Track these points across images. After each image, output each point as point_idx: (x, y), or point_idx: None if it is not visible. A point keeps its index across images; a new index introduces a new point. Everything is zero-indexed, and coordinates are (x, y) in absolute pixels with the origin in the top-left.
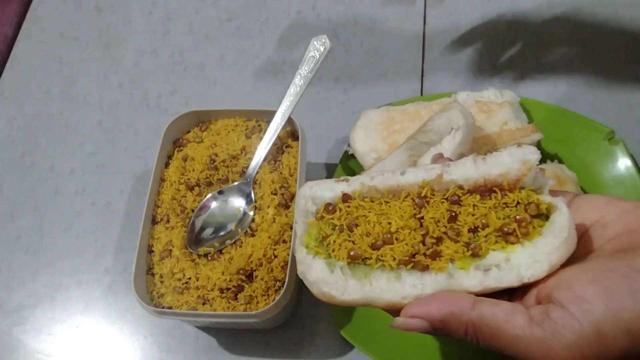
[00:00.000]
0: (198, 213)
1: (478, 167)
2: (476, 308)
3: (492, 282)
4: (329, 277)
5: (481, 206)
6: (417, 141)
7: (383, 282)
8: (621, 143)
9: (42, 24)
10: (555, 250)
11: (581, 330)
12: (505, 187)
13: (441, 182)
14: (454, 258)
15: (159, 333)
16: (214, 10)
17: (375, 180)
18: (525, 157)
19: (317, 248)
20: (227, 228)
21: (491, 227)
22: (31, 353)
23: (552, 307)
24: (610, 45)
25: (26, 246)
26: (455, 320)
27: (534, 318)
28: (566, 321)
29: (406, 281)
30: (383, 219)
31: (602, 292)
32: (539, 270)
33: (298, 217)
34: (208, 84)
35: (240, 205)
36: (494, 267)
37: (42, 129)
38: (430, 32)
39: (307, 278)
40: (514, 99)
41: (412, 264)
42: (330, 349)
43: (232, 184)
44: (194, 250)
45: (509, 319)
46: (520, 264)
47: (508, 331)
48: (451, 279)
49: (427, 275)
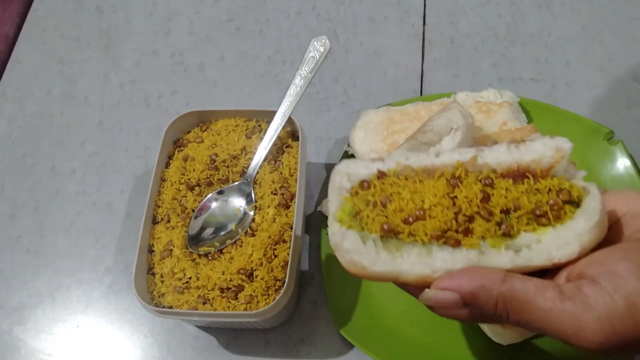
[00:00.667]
0: (198, 213)
1: (511, 153)
2: (507, 281)
3: (522, 261)
4: (362, 248)
5: (514, 190)
6: (417, 141)
7: (414, 256)
8: (620, 143)
9: (43, 25)
10: (586, 233)
11: (613, 304)
12: (538, 174)
13: (475, 164)
14: (486, 236)
15: (159, 332)
16: (214, 11)
17: (411, 160)
18: (558, 145)
19: (350, 222)
20: (228, 228)
21: (523, 209)
22: (32, 352)
23: (584, 282)
24: (609, 45)
25: (27, 246)
26: (486, 293)
27: (565, 292)
28: (598, 295)
29: (437, 256)
30: (416, 196)
31: (634, 268)
32: (569, 251)
33: (332, 193)
34: (208, 84)
35: (240, 205)
36: (524, 248)
37: (43, 129)
38: (430, 32)
39: (341, 247)
40: (513, 99)
41: (444, 239)
42: (330, 348)
43: (233, 184)
44: (194, 250)
45: (540, 293)
46: (551, 244)
47: (539, 304)
48: (482, 255)
49: (458, 251)
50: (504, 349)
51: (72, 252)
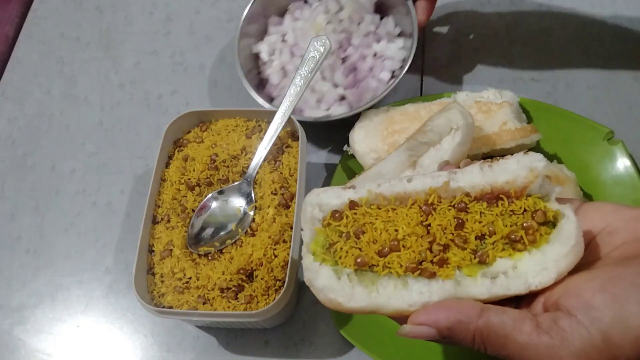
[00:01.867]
0: (198, 213)
1: (485, 175)
2: (483, 316)
3: (499, 290)
4: (336, 284)
5: (488, 213)
6: (417, 141)
7: (390, 289)
8: (620, 143)
9: (43, 25)
10: (562, 258)
11: (589, 338)
12: (512, 195)
13: (448, 189)
14: (461, 265)
15: (159, 332)
16: (214, 11)
17: (382, 187)
18: (532, 165)
19: (324, 255)
20: (228, 228)
21: (498, 234)
22: (32, 352)
23: (560, 315)
24: (609, 45)
25: (27, 246)
26: (462, 328)
27: (541, 325)
28: (574, 329)
29: (413, 288)
30: (390, 225)
31: (611, 300)
32: (546, 278)
33: (304, 224)
34: (208, 84)
35: (240, 205)
36: (501, 275)
37: (43, 129)
38: (430, 32)
39: (315, 285)
40: (513, 99)
41: (419, 271)
42: (330, 348)
43: (233, 184)
44: (194, 250)
45: (517, 327)
46: (527, 271)
47: (516, 339)
48: (458, 286)
49: (434, 283)
50: None
51: (72, 252)
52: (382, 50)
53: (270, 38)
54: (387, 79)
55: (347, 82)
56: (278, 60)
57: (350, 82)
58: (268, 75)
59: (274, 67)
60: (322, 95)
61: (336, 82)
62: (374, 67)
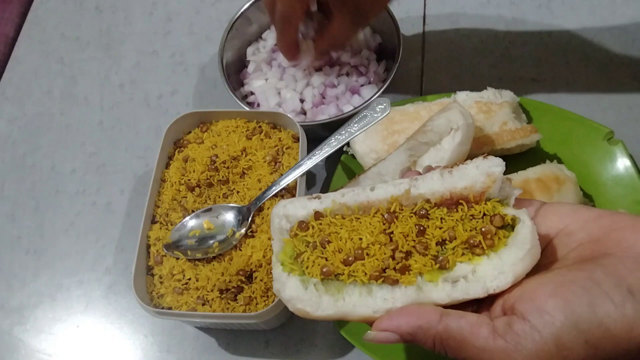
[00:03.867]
0: (196, 214)
1: (445, 181)
2: (443, 321)
3: (459, 294)
4: (303, 294)
5: (448, 219)
6: (417, 141)
7: (355, 297)
8: (620, 143)
9: (43, 25)
10: (519, 262)
11: (542, 342)
12: (471, 200)
13: (409, 196)
14: (423, 271)
15: (159, 333)
16: (214, 11)
17: (346, 197)
18: (489, 170)
19: (292, 265)
20: (209, 243)
21: (458, 239)
22: (32, 352)
23: (515, 319)
24: (609, 45)
25: (27, 246)
26: (423, 333)
27: (497, 330)
28: (527, 333)
29: (377, 295)
30: (354, 234)
31: (562, 304)
32: (503, 282)
33: (274, 234)
34: (208, 84)
35: (232, 226)
36: (461, 279)
37: (43, 129)
38: (430, 32)
39: (282, 296)
40: (513, 99)
41: (383, 278)
42: (331, 348)
43: (234, 205)
44: (167, 250)
45: (474, 331)
46: (486, 275)
47: (473, 343)
48: (420, 292)
49: (397, 289)
50: None
51: (72, 252)
52: (359, 87)
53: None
54: (347, 110)
55: (314, 100)
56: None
57: (316, 102)
58: (253, 89)
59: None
60: (285, 100)
61: (304, 96)
62: (340, 99)
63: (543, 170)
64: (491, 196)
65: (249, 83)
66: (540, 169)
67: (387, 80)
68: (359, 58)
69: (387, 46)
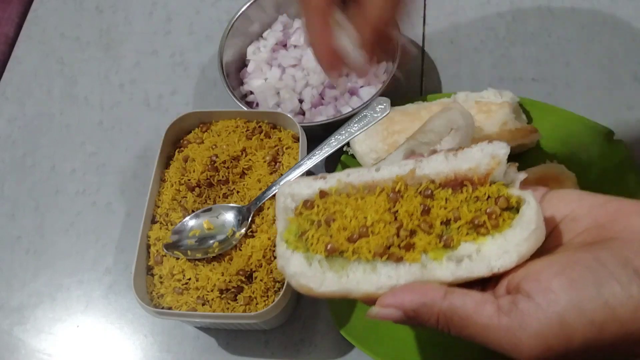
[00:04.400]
0: (196, 214)
1: (449, 162)
2: (447, 298)
3: (463, 273)
4: (307, 270)
5: (453, 200)
6: (417, 141)
7: (359, 274)
8: (620, 143)
9: (43, 25)
10: (524, 242)
11: (546, 321)
12: (476, 181)
13: (414, 177)
14: (427, 249)
15: (159, 333)
16: (214, 11)
17: (351, 176)
18: (494, 152)
19: (297, 243)
20: (209, 243)
21: (463, 219)
22: (32, 352)
23: (520, 298)
24: (609, 45)
25: (27, 246)
26: (427, 310)
27: (502, 308)
28: (532, 311)
29: (381, 272)
30: (359, 213)
31: (568, 284)
32: (508, 261)
33: (278, 214)
34: (208, 84)
35: (232, 226)
36: (465, 258)
37: (43, 129)
38: (430, 32)
39: (286, 271)
40: (513, 99)
41: (387, 255)
42: (331, 348)
43: (233, 205)
44: (167, 250)
45: (478, 309)
46: (490, 255)
47: (477, 320)
48: (424, 269)
49: (401, 266)
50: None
51: (72, 252)
52: (358, 88)
53: (259, 56)
54: (345, 111)
55: (312, 101)
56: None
57: (315, 102)
58: (253, 89)
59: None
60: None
61: (303, 97)
62: (339, 99)
63: (543, 170)
64: (496, 179)
65: (248, 82)
66: (540, 169)
67: (386, 81)
68: None
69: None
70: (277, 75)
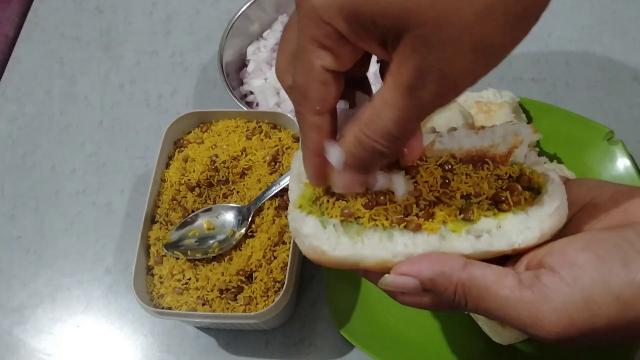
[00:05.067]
0: (196, 214)
1: (471, 138)
2: (467, 269)
3: (483, 246)
4: (322, 233)
5: (474, 175)
6: None
7: (375, 241)
8: (620, 143)
9: (43, 25)
10: (547, 218)
11: (571, 295)
12: (497, 159)
13: (433, 149)
14: (447, 220)
15: (159, 333)
16: (214, 11)
17: None
18: (517, 130)
19: (311, 207)
20: (209, 243)
21: (484, 195)
22: (32, 352)
23: (543, 272)
24: (609, 45)
25: (27, 246)
26: (445, 279)
27: (524, 281)
28: (556, 285)
29: (398, 241)
30: None
31: (594, 259)
32: (530, 237)
33: (292, 182)
34: (208, 84)
35: (232, 227)
36: (485, 233)
37: (43, 129)
38: None
39: (300, 232)
40: (513, 99)
41: (405, 223)
42: (331, 348)
43: (233, 205)
44: (167, 250)
45: (499, 281)
46: (511, 230)
47: (497, 292)
48: (443, 240)
49: (419, 236)
50: (504, 349)
51: (72, 252)
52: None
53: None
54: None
55: None
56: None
57: None
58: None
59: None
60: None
61: None
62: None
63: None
64: (517, 160)
65: (248, 82)
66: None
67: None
68: None
69: None
70: None
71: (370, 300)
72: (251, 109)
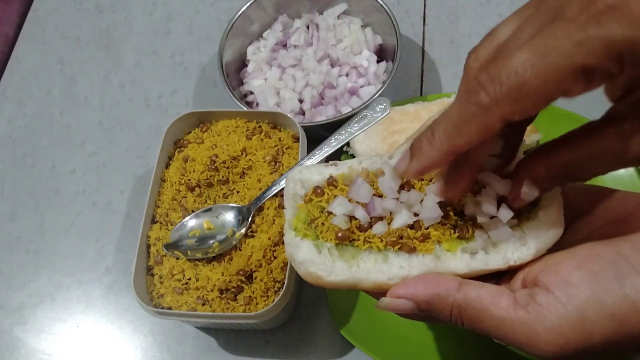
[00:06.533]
0: (196, 214)
1: None
2: (462, 290)
3: (478, 265)
4: (317, 258)
5: (467, 193)
6: None
7: (370, 264)
8: None
9: (43, 25)
10: (542, 235)
11: (565, 314)
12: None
13: None
14: (441, 240)
15: (159, 332)
16: (214, 11)
17: (364, 163)
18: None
19: (306, 230)
20: (209, 243)
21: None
22: (32, 352)
23: (538, 291)
24: None
25: (27, 246)
26: (440, 301)
27: (519, 300)
28: (551, 304)
29: (393, 263)
30: None
31: (588, 277)
32: (525, 254)
33: (287, 201)
34: (208, 84)
35: (232, 226)
36: (480, 251)
37: (43, 129)
38: (430, 32)
39: (295, 259)
40: None
41: (400, 245)
42: (330, 348)
43: (233, 205)
44: (167, 250)
45: (494, 301)
46: (507, 247)
47: (493, 313)
48: (438, 261)
49: (414, 257)
50: (503, 349)
51: (72, 252)
52: (358, 88)
53: (258, 56)
54: (345, 111)
55: (312, 101)
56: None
57: (315, 102)
58: (253, 89)
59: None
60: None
61: (303, 96)
62: (339, 99)
63: None
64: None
65: (248, 82)
66: None
67: (387, 81)
68: (359, 58)
69: (387, 46)
70: (277, 75)
71: (370, 300)
72: (251, 109)
